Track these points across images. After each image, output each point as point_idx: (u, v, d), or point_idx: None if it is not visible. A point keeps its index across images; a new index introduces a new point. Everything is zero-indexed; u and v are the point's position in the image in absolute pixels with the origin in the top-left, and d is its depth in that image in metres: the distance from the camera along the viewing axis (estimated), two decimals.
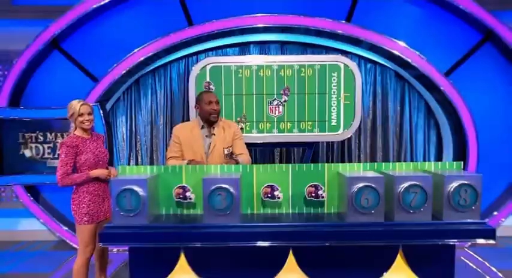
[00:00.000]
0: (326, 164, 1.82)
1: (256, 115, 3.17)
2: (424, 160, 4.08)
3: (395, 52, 3.61)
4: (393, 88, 3.98)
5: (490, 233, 1.63)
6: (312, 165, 1.83)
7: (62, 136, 3.49)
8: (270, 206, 1.84)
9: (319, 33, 3.62)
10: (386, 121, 3.99)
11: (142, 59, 3.56)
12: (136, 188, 1.59)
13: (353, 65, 3.13)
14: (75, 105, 2.33)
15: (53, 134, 3.48)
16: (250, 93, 3.15)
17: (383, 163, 1.82)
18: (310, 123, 3.16)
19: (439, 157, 4.07)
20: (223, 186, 1.62)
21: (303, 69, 3.12)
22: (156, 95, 3.98)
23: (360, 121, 3.90)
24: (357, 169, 1.82)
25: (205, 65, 3.12)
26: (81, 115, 2.32)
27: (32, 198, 3.54)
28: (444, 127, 3.94)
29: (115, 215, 1.59)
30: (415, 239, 1.61)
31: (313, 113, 3.18)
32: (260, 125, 3.13)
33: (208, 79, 3.14)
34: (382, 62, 3.89)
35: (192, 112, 3.13)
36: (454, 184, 1.64)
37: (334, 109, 3.16)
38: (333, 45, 3.82)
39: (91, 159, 2.35)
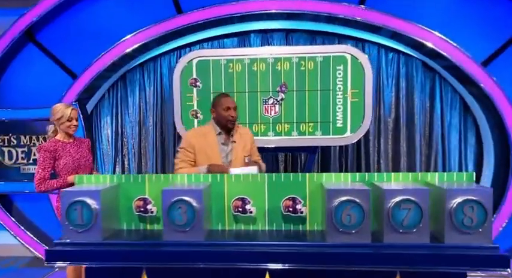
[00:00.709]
0: (308, 174, 1.82)
1: (249, 116, 3.20)
2: (460, 167, 3.98)
3: (421, 40, 3.55)
4: (421, 81, 3.91)
5: (501, 262, 1.58)
6: (292, 174, 1.83)
7: (38, 140, 3.66)
8: (244, 222, 1.86)
9: (330, 19, 3.60)
10: (411, 120, 3.93)
11: (126, 51, 3.68)
12: (88, 200, 1.66)
13: (362, 56, 3.10)
14: (64, 109, 2.54)
15: (27, 137, 3.65)
16: (242, 90, 3.18)
17: (376, 174, 1.79)
18: (311, 124, 3.15)
19: (479, 164, 3.95)
20: (184, 198, 1.65)
21: (302, 62, 3.12)
22: (145, 92, 4.10)
23: (379, 122, 3.91)
24: (344, 180, 1.81)
25: (191, 59, 3.18)
26: (70, 120, 2.54)
27: (3, 209, 3.72)
28: (484, 127, 3.83)
29: (65, 229, 1.66)
30: (406, 266, 1.58)
31: (314, 113, 3.17)
32: (254, 127, 3.16)
33: (194, 76, 3.20)
34: (407, 51, 3.83)
35: (178, 115, 3.22)
36: (458, 200, 1.60)
37: (339, 108, 3.14)
38: (347, 32, 3.80)
39: (70, 163, 2.51)
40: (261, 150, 3.38)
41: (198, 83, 3.21)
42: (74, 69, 3.75)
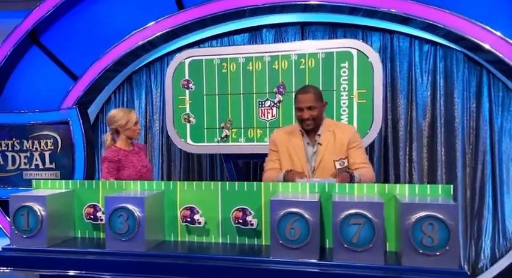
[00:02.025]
0: (263, 183, 1.90)
1: (245, 120, 3.33)
2: None
3: (458, 32, 3.47)
4: (464, 78, 3.80)
5: None
6: (246, 183, 1.92)
7: (40, 145, 4.08)
8: (197, 233, 1.99)
9: (353, 10, 3.63)
10: (452, 124, 3.81)
11: (128, 51, 3.98)
12: (35, 206, 1.90)
13: (370, 51, 3.09)
14: (127, 113, 2.82)
15: (29, 142, 4.09)
16: (237, 92, 3.31)
17: (337, 184, 1.84)
18: None
19: None
20: (126, 206, 1.83)
21: (302, 60, 3.19)
22: (151, 94, 4.39)
23: (411, 126, 3.83)
24: (302, 190, 1.88)
25: (184, 59, 3.38)
26: (136, 123, 2.84)
27: (4, 215, 4.18)
28: None
29: (11, 234, 1.91)
30: None
31: None
32: (249, 132, 3.27)
33: (187, 77, 3.39)
34: (445, 42, 3.74)
35: (170, 119, 3.42)
36: (416, 216, 1.60)
37: (344, 111, 3.15)
38: (372, 23, 3.80)
39: (133, 175, 2.78)
40: (257, 157, 3.50)
41: (190, 85, 3.40)
42: (76, 72, 4.14)
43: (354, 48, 3.12)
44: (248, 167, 4.09)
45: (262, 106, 3.28)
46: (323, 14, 3.81)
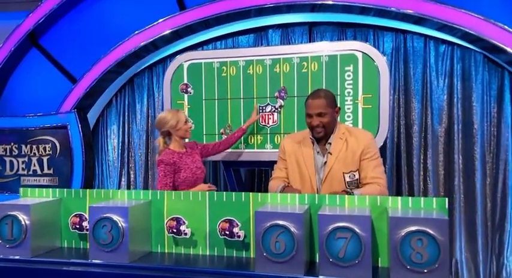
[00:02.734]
0: (252, 194, 1.96)
1: None
2: None
3: (476, 33, 3.48)
4: (484, 81, 3.80)
5: None
6: (234, 194, 1.98)
7: (38, 150, 4.23)
8: (184, 245, 2.05)
9: (363, 10, 3.67)
10: (470, 129, 3.81)
11: (129, 52, 4.09)
12: (20, 215, 2.00)
13: (376, 54, 3.12)
14: (176, 113, 2.95)
15: (28, 147, 4.24)
16: (237, 96, 3.39)
17: (327, 196, 1.88)
18: None
19: None
20: (110, 216, 1.91)
21: (304, 63, 3.24)
22: (153, 98, 4.50)
23: (425, 132, 3.83)
24: (291, 202, 1.92)
25: (182, 63, 3.47)
26: (186, 122, 2.97)
27: None
28: None
29: None
30: None
31: None
32: (249, 139, 3.34)
33: (185, 81, 3.48)
34: (463, 43, 3.74)
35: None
36: (404, 230, 1.63)
37: (348, 116, 3.18)
38: (383, 23, 3.83)
39: (190, 177, 2.93)
40: (258, 164, 3.56)
41: (189, 89, 3.49)
42: (75, 74, 4.28)
43: (359, 51, 3.15)
44: (253, 175, 4.15)
45: (262, 112, 3.34)
46: (332, 14, 3.86)
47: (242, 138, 3.33)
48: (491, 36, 3.44)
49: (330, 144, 2.40)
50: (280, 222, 1.74)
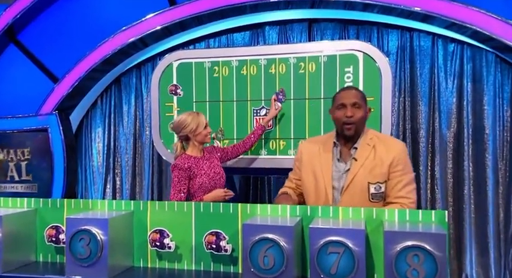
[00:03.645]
0: (240, 204, 1.99)
1: (238, 130, 3.45)
2: None
3: (487, 32, 3.51)
4: (496, 82, 3.84)
5: None
6: (222, 204, 2.01)
7: (16, 154, 4.26)
8: (168, 259, 2.08)
9: (367, 6, 3.71)
10: (481, 134, 3.84)
11: (116, 49, 4.12)
12: None
13: (377, 54, 3.17)
14: (196, 117, 2.99)
15: (4, 151, 4.26)
16: (230, 99, 3.42)
17: (320, 208, 1.91)
18: None
19: None
20: (88, 228, 1.94)
21: (302, 64, 3.28)
22: (141, 99, 4.54)
23: (433, 137, 3.87)
24: (282, 214, 1.95)
25: (171, 62, 3.51)
26: (206, 126, 3.01)
27: None
28: None
29: None
30: None
31: (317, 127, 3.32)
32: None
33: (174, 82, 3.52)
34: (473, 42, 3.78)
35: (156, 128, 3.52)
36: (400, 245, 1.66)
37: None
38: (388, 20, 3.87)
39: (206, 183, 2.97)
40: (252, 172, 3.59)
41: (178, 90, 3.52)
42: (57, 73, 4.30)
43: (360, 51, 3.19)
44: (247, 183, 4.18)
45: (257, 115, 3.37)
46: (333, 10, 3.90)
47: (235, 143, 3.36)
48: (503, 35, 3.47)
49: (356, 148, 2.31)
50: (269, 236, 1.77)
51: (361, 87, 3.17)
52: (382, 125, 3.11)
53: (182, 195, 2.89)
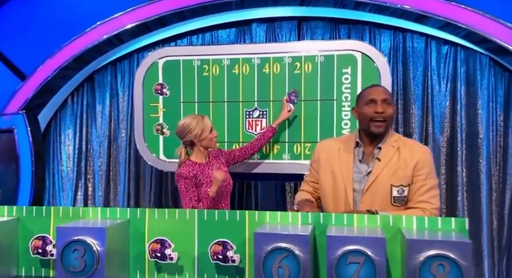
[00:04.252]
0: (248, 212, 1.96)
1: (229, 133, 3.43)
2: None
3: (482, 33, 3.59)
4: (489, 85, 3.95)
5: None
6: (227, 212, 1.97)
7: None
8: (168, 271, 2.02)
9: (358, 5, 3.74)
10: (475, 139, 3.93)
11: (90, 46, 4.04)
12: None
13: (376, 55, 3.20)
14: (201, 120, 2.93)
15: None
16: (220, 99, 3.39)
17: (333, 215, 1.90)
18: (308, 145, 3.28)
19: None
20: (82, 238, 1.87)
21: (297, 63, 3.28)
22: (117, 98, 4.46)
23: (426, 142, 3.93)
24: (292, 221, 1.93)
25: (157, 59, 3.45)
26: (211, 130, 2.95)
27: None
28: None
29: None
30: None
31: (313, 130, 3.34)
32: (234, 147, 3.33)
33: (160, 81, 3.46)
34: (467, 44, 3.86)
35: (139, 130, 3.45)
36: (423, 254, 1.66)
37: (346, 124, 3.25)
38: (380, 20, 3.92)
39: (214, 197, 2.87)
40: (244, 177, 3.56)
41: (164, 90, 3.48)
42: (25, 70, 4.19)
43: (358, 51, 3.22)
44: (241, 189, 4.15)
45: (249, 117, 3.36)
46: (324, 8, 3.94)
47: (226, 147, 3.34)
48: (498, 36, 3.57)
49: (380, 149, 2.31)
50: (284, 245, 1.74)
51: (359, 89, 3.20)
52: None
53: (195, 202, 2.86)
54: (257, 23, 4.14)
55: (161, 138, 3.49)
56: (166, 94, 3.48)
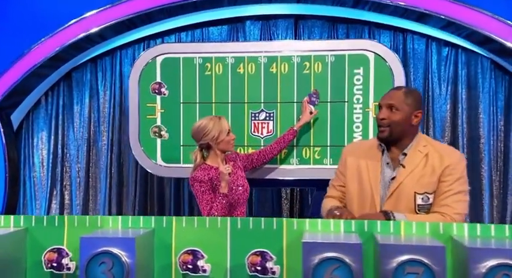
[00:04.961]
0: (285, 219, 1.92)
1: None
2: None
3: (486, 32, 3.66)
4: (491, 89, 4.05)
5: None
6: (263, 219, 1.93)
7: None
8: None
9: (357, 3, 3.77)
10: (476, 144, 4.03)
11: (67, 43, 3.92)
12: None
13: (390, 55, 3.24)
14: (217, 122, 2.87)
15: None
16: (224, 100, 3.35)
17: (378, 222, 1.89)
18: (318, 149, 3.28)
19: None
20: (110, 249, 1.79)
21: (307, 63, 3.28)
22: (97, 98, 4.34)
23: None
24: (335, 229, 1.91)
25: (155, 57, 3.38)
26: (229, 132, 2.90)
27: None
28: None
29: None
30: None
31: (323, 134, 3.33)
32: (239, 151, 3.29)
33: (158, 79, 3.39)
34: (468, 46, 3.95)
35: (135, 133, 3.37)
36: (488, 264, 1.67)
37: (357, 127, 3.26)
38: (380, 19, 3.96)
39: (228, 198, 2.81)
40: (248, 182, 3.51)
41: (163, 89, 3.41)
42: None
43: (371, 52, 3.25)
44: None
45: (255, 119, 3.34)
46: (321, 6, 3.96)
47: None
48: (502, 36, 3.66)
49: (405, 155, 2.33)
50: (336, 255, 1.72)
51: (371, 91, 3.23)
52: None
53: (212, 204, 2.80)
54: (251, 21, 4.12)
55: (159, 141, 3.41)
56: (164, 94, 3.41)
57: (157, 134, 3.41)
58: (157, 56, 3.40)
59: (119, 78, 4.30)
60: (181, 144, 3.43)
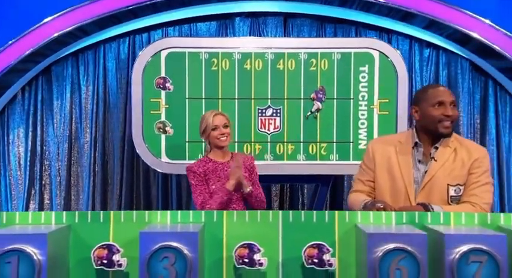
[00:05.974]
0: (337, 212, 1.94)
1: (239, 132, 3.37)
2: None
3: (467, 31, 3.81)
4: (468, 89, 4.21)
5: None
6: (315, 212, 1.94)
7: None
8: (249, 277, 1.96)
9: (345, 1, 3.83)
10: None
11: (49, 39, 3.76)
12: (29, 249, 1.69)
13: (394, 54, 3.33)
14: (208, 116, 2.84)
15: None
16: (230, 96, 3.34)
17: (429, 214, 1.94)
18: (324, 145, 3.32)
19: None
20: (172, 244, 1.73)
21: (313, 60, 3.32)
22: (79, 94, 4.19)
23: None
24: (386, 222, 1.95)
25: (159, 50, 3.31)
26: (214, 129, 2.81)
27: None
28: None
29: None
30: None
31: (329, 130, 3.39)
32: (245, 147, 3.30)
33: (163, 74, 3.32)
34: (449, 47, 4.10)
35: (138, 128, 3.31)
36: None
37: (363, 124, 3.34)
38: (367, 20, 4.05)
39: (231, 194, 2.76)
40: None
41: (168, 84, 3.35)
42: None
43: (376, 50, 3.33)
44: None
45: (262, 115, 3.34)
46: (310, 5, 4.01)
47: (236, 148, 3.28)
48: (482, 34, 3.83)
49: (437, 148, 2.41)
50: (400, 245, 1.75)
51: (376, 89, 3.32)
52: (398, 126, 3.30)
53: (206, 194, 2.80)
54: (240, 17, 4.11)
55: (163, 137, 3.35)
56: (169, 89, 3.35)
57: (161, 130, 3.35)
58: (162, 49, 3.34)
59: (103, 72, 4.16)
60: (187, 139, 3.39)
